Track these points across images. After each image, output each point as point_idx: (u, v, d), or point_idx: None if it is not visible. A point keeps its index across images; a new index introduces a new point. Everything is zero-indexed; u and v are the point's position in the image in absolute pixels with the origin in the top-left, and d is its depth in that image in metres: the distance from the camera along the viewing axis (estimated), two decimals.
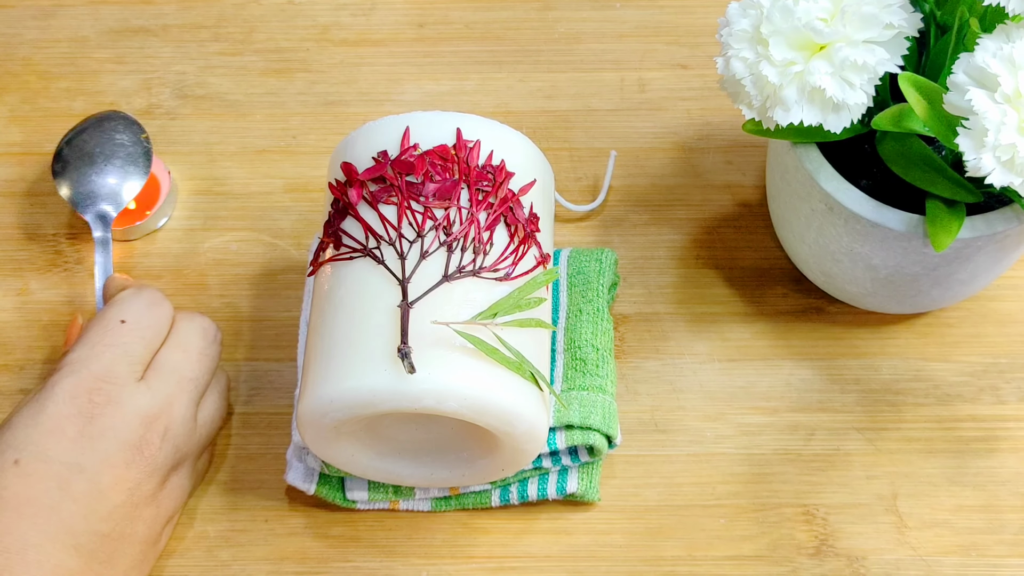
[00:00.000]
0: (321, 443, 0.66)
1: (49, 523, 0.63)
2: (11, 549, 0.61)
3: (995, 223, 0.68)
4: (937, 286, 0.72)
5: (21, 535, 0.62)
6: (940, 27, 0.68)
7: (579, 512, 0.73)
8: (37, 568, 0.62)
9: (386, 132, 0.68)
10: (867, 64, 0.63)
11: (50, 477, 0.63)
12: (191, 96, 0.87)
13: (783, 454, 0.74)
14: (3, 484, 0.63)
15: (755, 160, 0.83)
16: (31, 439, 0.64)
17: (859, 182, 0.70)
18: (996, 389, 0.76)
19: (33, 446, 0.64)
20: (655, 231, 0.81)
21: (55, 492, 0.63)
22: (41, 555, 0.62)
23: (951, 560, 0.71)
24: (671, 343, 0.77)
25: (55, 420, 0.65)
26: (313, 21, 0.90)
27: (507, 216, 0.66)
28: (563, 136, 0.85)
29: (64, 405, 0.65)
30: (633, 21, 0.89)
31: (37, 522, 0.62)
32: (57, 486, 0.63)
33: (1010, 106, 0.60)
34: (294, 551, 0.72)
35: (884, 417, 0.75)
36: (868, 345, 0.77)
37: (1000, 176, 0.60)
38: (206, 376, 0.70)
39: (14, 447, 0.64)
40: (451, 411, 0.62)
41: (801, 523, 0.72)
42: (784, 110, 0.64)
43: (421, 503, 0.72)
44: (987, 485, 0.73)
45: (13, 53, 0.89)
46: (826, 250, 0.72)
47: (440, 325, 0.62)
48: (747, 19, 0.65)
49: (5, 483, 0.63)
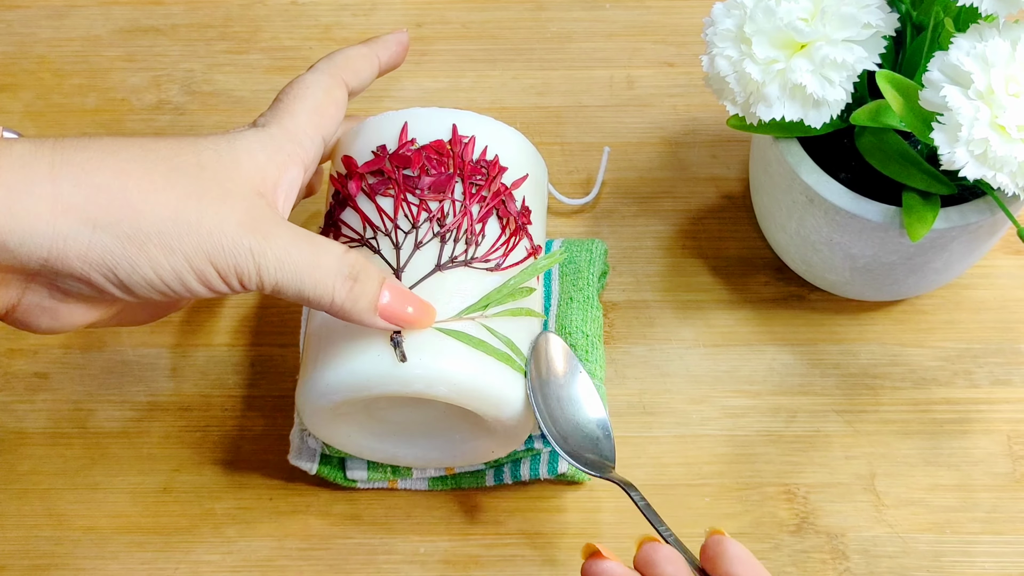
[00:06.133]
0: (320, 424, 0.66)
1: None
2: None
3: (968, 214, 0.67)
4: (913, 274, 0.72)
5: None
6: (916, 26, 0.68)
7: (570, 491, 0.72)
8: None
9: (385, 127, 0.67)
10: (846, 62, 0.63)
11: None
12: (199, 92, 0.86)
13: (765, 435, 0.74)
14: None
15: (739, 154, 0.83)
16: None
17: (838, 175, 0.70)
18: (969, 373, 0.75)
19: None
20: (643, 222, 0.81)
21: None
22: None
23: (926, 537, 0.71)
24: (658, 329, 0.77)
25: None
26: (316, 21, 0.89)
27: (499, 209, 0.66)
28: (555, 131, 0.84)
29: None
30: (622, 21, 0.89)
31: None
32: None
33: (983, 102, 0.60)
34: (297, 528, 0.72)
35: (862, 400, 0.75)
36: (847, 331, 0.77)
37: (973, 169, 0.60)
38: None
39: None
40: (441, 395, 0.62)
41: (783, 501, 0.72)
42: (767, 106, 0.64)
43: (418, 483, 0.72)
44: (961, 465, 0.73)
45: (28, 51, 0.88)
46: (807, 240, 0.72)
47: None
48: (731, 19, 0.65)
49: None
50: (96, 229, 0.55)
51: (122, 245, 0.55)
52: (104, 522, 0.72)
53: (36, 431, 0.75)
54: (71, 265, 0.55)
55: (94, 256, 0.55)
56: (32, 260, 0.54)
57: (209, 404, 0.75)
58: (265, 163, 0.60)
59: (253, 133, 0.61)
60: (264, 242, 0.57)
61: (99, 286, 0.56)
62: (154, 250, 0.56)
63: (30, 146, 0.55)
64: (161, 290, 0.57)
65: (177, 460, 0.74)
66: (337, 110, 0.65)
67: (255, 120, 0.63)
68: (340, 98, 0.65)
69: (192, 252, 0.56)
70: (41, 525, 0.72)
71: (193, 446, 0.74)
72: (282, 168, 0.61)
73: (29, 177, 0.54)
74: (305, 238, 0.59)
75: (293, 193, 0.62)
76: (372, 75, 0.68)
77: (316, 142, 0.63)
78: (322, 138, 0.64)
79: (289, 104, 0.63)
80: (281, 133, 0.62)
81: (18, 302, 0.58)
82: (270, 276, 0.57)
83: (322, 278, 0.58)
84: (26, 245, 0.54)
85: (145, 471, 0.73)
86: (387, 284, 0.60)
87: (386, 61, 0.69)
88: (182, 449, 0.74)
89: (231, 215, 0.57)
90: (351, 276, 0.59)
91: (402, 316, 0.60)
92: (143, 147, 0.57)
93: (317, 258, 0.58)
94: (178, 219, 0.56)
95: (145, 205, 0.55)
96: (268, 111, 0.63)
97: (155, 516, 0.72)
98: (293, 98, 0.64)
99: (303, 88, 0.64)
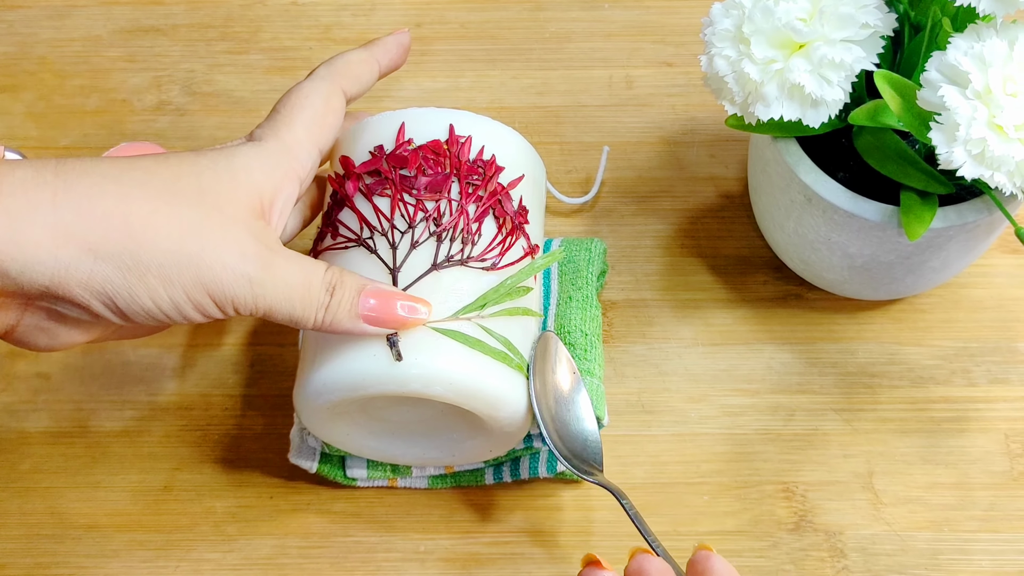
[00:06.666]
0: (318, 423, 0.66)
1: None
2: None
3: (966, 214, 0.67)
4: (911, 273, 0.72)
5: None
6: (914, 26, 0.68)
7: (569, 489, 0.72)
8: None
9: (382, 127, 0.67)
10: (844, 62, 0.63)
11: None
12: (199, 93, 0.86)
13: (764, 434, 0.74)
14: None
15: (737, 154, 0.83)
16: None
17: (836, 174, 0.70)
18: (967, 372, 0.75)
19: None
20: (642, 221, 0.81)
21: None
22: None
23: (924, 535, 0.71)
24: (657, 328, 0.77)
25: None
26: (316, 21, 0.89)
27: (495, 208, 0.66)
28: (554, 131, 0.84)
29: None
30: (621, 21, 0.88)
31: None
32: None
33: (980, 102, 0.59)
34: (298, 526, 0.72)
35: (860, 398, 0.75)
36: (845, 330, 0.77)
37: (971, 169, 0.60)
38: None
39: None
40: (437, 395, 0.62)
41: (781, 500, 0.72)
42: (765, 106, 0.64)
43: (418, 481, 0.72)
44: (958, 463, 0.73)
45: (29, 52, 0.88)
46: (805, 239, 0.72)
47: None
48: (730, 19, 0.65)
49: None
50: (97, 259, 0.55)
51: (122, 275, 0.56)
52: (105, 520, 0.72)
53: (38, 431, 0.75)
54: (72, 292, 0.55)
55: (95, 285, 0.55)
56: (33, 287, 0.55)
57: (209, 403, 0.75)
58: (262, 182, 0.60)
59: (251, 148, 0.61)
60: (263, 270, 0.58)
61: (98, 312, 0.57)
62: (153, 281, 0.56)
63: (32, 171, 0.55)
64: (158, 318, 0.58)
65: (178, 459, 0.74)
66: (335, 119, 0.65)
67: (252, 132, 0.63)
68: (338, 107, 0.65)
69: (191, 285, 0.57)
70: (43, 524, 0.72)
71: (194, 445, 0.74)
72: (279, 186, 0.61)
73: (31, 204, 0.54)
74: (296, 262, 0.59)
75: (288, 209, 0.62)
76: (372, 80, 0.68)
77: (312, 155, 0.64)
78: (319, 150, 0.64)
79: (288, 115, 0.63)
80: (278, 148, 0.62)
81: (17, 323, 0.58)
82: (265, 303, 0.58)
83: (309, 299, 0.59)
84: (27, 273, 0.54)
85: (146, 470, 0.73)
86: (368, 291, 0.60)
87: (386, 64, 0.69)
88: (183, 448, 0.74)
89: (232, 246, 0.57)
90: (328, 291, 0.60)
91: (389, 318, 0.60)
92: (146, 171, 0.58)
93: (307, 280, 0.59)
94: (180, 251, 0.56)
95: (146, 235, 0.56)
96: (266, 122, 0.63)
97: (156, 515, 0.72)
98: (292, 108, 0.64)
99: (301, 98, 0.64)
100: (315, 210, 0.69)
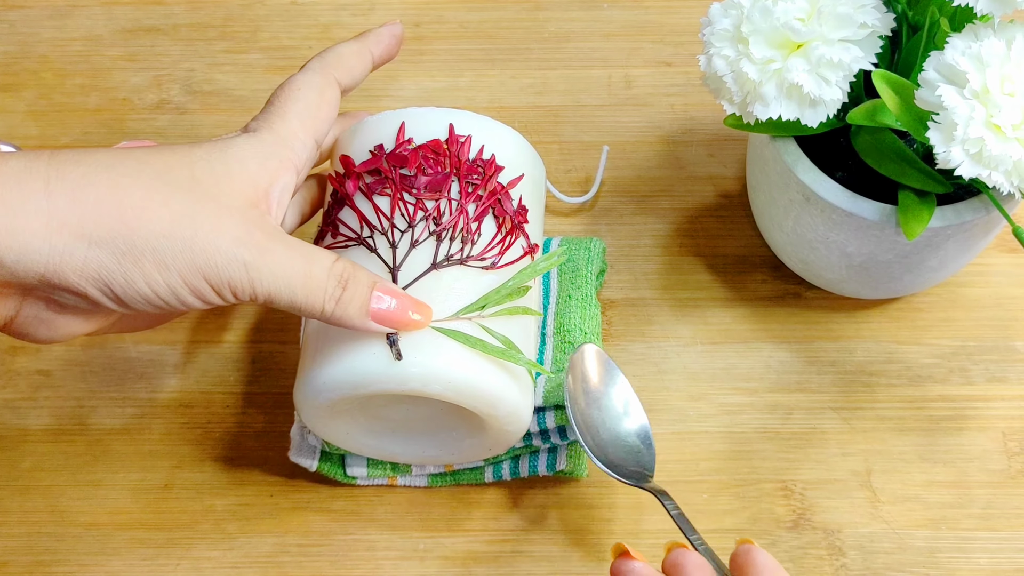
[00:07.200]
0: (317, 421, 0.66)
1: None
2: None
3: (964, 213, 0.67)
4: (909, 272, 0.72)
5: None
6: (912, 26, 0.68)
7: (568, 487, 0.72)
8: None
9: (382, 127, 0.67)
10: (842, 62, 0.63)
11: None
12: (199, 92, 0.86)
13: (762, 432, 0.74)
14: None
15: (736, 153, 0.83)
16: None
17: (835, 174, 0.70)
18: (965, 370, 0.75)
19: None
20: (641, 220, 0.81)
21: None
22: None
23: (922, 533, 0.71)
24: (656, 327, 0.77)
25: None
26: (315, 21, 0.89)
27: (495, 208, 0.65)
28: (553, 130, 0.84)
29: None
30: (620, 21, 0.88)
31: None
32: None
33: (978, 101, 0.59)
34: (298, 524, 0.72)
35: (858, 397, 0.75)
36: (843, 329, 0.77)
37: (969, 168, 0.60)
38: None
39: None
40: (436, 393, 0.62)
41: (780, 498, 0.72)
42: (763, 105, 0.64)
43: (418, 479, 0.72)
44: (956, 462, 0.73)
45: (30, 51, 0.88)
46: (803, 238, 0.72)
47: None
48: (728, 19, 0.64)
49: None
50: (91, 245, 0.55)
51: (118, 261, 0.55)
52: (106, 518, 0.72)
53: (39, 428, 0.75)
54: (68, 280, 0.55)
55: (90, 271, 0.55)
56: (29, 275, 0.55)
57: (210, 401, 0.75)
58: (257, 171, 0.60)
59: (245, 140, 0.61)
60: (259, 256, 0.57)
61: (95, 300, 0.57)
62: (149, 266, 0.56)
63: (25, 161, 0.55)
64: (156, 304, 0.57)
65: (178, 457, 0.74)
66: (330, 110, 0.65)
67: (247, 125, 0.63)
68: (332, 98, 0.65)
69: (186, 268, 0.56)
70: (43, 521, 0.72)
71: (194, 443, 0.74)
72: (274, 175, 0.61)
73: (24, 193, 0.54)
74: (298, 248, 0.59)
75: (286, 198, 0.62)
76: (365, 71, 0.68)
77: (308, 145, 0.63)
78: (314, 140, 0.64)
79: (281, 107, 0.63)
80: (272, 138, 0.62)
81: (15, 314, 0.58)
82: (263, 288, 0.58)
83: (314, 288, 0.59)
84: (23, 261, 0.54)
85: (146, 468, 0.73)
86: (379, 288, 0.60)
87: (379, 55, 0.69)
88: (183, 446, 0.74)
89: (226, 231, 0.57)
90: (340, 284, 0.59)
91: (396, 319, 0.60)
92: (138, 160, 0.58)
93: (309, 268, 0.59)
94: (173, 236, 0.56)
95: (139, 221, 0.56)
96: (260, 114, 0.63)
97: (156, 512, 0.72)
98: (285, 100, 0.63)
99: (294, 90, 0.64)
100: (315, 207, 0.69)
